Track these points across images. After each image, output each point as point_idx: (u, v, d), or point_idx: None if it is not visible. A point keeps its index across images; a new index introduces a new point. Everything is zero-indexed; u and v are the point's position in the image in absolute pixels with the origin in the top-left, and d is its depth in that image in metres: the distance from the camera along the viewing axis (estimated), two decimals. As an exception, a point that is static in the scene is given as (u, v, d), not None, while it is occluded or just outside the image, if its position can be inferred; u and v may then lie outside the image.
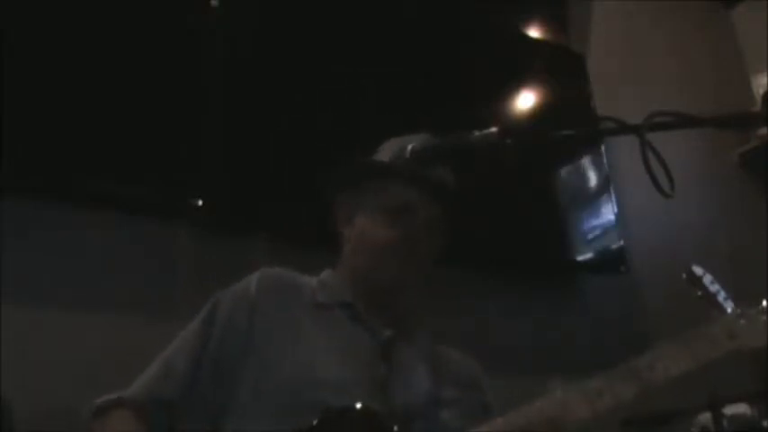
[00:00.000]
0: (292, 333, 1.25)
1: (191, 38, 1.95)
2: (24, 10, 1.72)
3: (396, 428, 1.12)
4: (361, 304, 1.32)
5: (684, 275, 1.33)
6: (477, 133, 1.01)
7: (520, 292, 2.36)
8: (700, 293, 1.31)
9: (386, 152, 1.37)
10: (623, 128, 0.97)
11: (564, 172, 2.65)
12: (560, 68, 2.80)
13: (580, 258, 2.61)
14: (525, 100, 2.67)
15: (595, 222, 2.65)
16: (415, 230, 1.30)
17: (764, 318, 1.20)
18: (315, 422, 1.10)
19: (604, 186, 2.68)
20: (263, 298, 1.29)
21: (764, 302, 1.21)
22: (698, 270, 1.32)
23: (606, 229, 2.63)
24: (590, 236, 2.63)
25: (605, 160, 2.70)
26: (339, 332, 1.28)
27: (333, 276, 1.39)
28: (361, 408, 1.13)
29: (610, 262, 2.62)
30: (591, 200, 2.65)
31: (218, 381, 1.22)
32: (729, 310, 1.25)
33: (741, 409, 1.86)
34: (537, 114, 2.61)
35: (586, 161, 2.70)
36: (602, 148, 2.71)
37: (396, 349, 1.29)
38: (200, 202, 1.85)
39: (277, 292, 1.31)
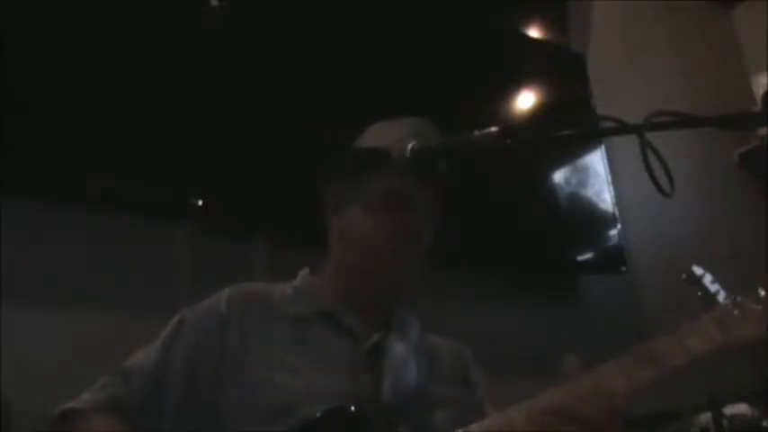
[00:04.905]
0: (271, 349, 1.18)
1: (191, 38, 1.95)
2: (25, 9, 1.72)
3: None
4: (346, 309, 1.25)
5: (684, 275, 1.33)
6: (477, 133, 1.00)
7: (520, 292, 2.35)
8: (700, 293, 1.32)
9: (373, 138, 1.30)
10: (623, 128, 0.97)
11: (564, 172, 2.65)
12: (560, 68, 2.80)
13: (580, 258, 2.61)
14: (525, 100, 2.67)
15: (595, 222, 2.65)
16: (413, 220, 1.24)
17: (757, 308, 1.22)
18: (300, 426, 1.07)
19: (604, 186, 2.68)
20: (235, 315, 1.21)
21: (762, 292, 1.22)
22: (698, 270, 1.32)
23: (606, 229, 2.63)
24: (590, 236, 2.63)
25: (605, 160, 2.70)
26: (320, 344, 1.21)
27: (310, 282, 1.32)
28: (346, 409, 1.09)
29: (610, 262, 2.62)
30: (591, 200, 2.65)
31: (185, 402, 1.15)
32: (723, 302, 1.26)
33: (741, 409, 1.86)
34: (537, 114, 2.61)
35: (586, 161, 2.69)
36: (602, 147, 2.72)
37: (385, 350, 1.22)
38: (200, 202, 1.85)
39: (249, 307, 1.23)
